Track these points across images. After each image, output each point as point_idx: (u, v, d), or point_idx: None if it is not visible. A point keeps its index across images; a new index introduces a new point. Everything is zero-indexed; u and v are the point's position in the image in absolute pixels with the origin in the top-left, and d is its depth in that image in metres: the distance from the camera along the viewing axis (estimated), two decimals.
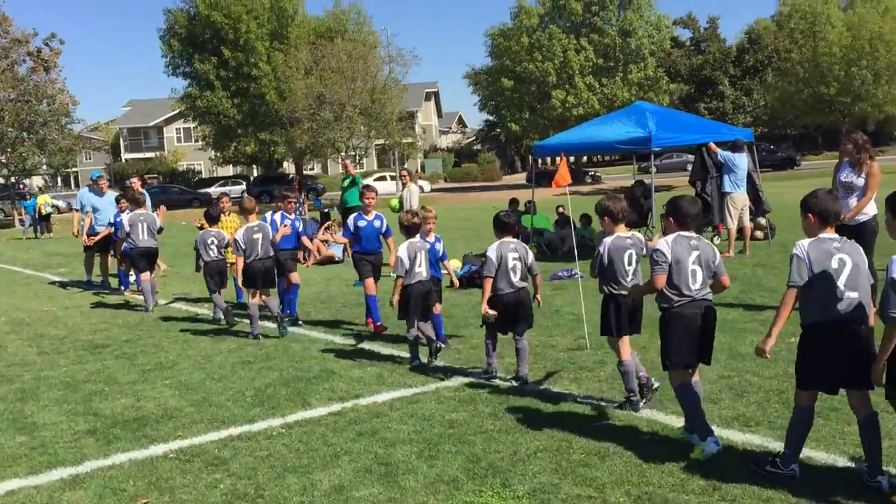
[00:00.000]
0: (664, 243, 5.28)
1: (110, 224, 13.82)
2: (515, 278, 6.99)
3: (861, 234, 7.70)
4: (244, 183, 61.02)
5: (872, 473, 4.60)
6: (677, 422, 5.72)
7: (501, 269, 6.96)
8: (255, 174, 67.39)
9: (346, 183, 16.27)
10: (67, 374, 8.30)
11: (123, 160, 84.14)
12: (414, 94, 60.03)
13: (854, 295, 4.54)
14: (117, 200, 13.98)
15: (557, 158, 10.11)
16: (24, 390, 7.77)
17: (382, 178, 56.43)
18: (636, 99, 53.02)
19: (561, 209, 17.88)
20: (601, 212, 6.33)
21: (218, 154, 58.25)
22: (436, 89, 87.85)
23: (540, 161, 52.32)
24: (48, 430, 6.51)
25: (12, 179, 42.15)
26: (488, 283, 6.98)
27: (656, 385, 6.26)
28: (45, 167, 43.77)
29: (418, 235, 8.16)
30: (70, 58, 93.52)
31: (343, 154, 43.50)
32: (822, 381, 4.67)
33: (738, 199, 14.14)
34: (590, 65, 54.01)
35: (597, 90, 53.88)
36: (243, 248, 9.48)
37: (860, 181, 8.43)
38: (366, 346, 8.94)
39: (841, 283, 4.54)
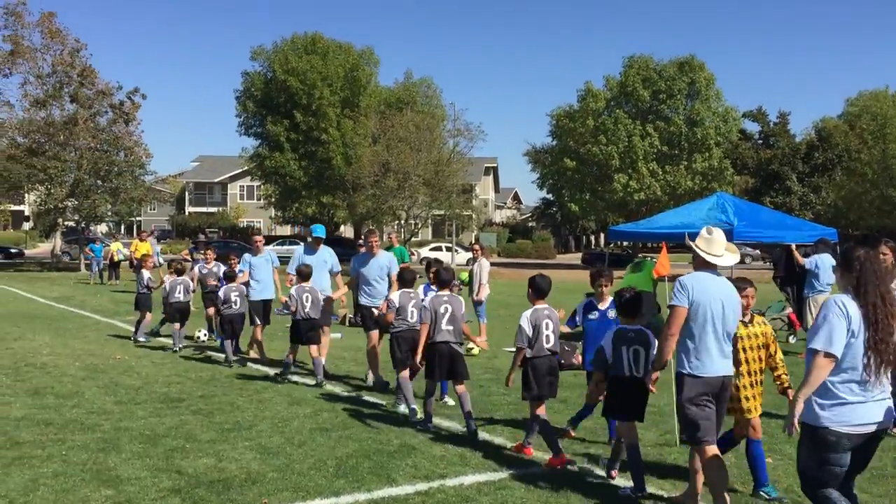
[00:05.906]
0: (395, 295, 9.04)
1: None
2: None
3: None
4: (301, 243, 61.83)
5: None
6: None
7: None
8: None
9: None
10: (147, 427, 8.28)
11: (187, 213, 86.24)
12: (474, 168, 60.61)
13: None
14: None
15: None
16: (105, 440, 7.75)
17: (438, 249, 56.83)
18: (699, 188, 52.96)
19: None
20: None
21: (279, 213, 59.22)
22: (495, 164, 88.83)
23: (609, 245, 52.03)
24: (132, 484, 6.44)
25: (82, 224, 43.20)
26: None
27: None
28: (110, 214, 44.62)
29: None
30: (144, 110, 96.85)
31: (390, 227, 44.05)
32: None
33: (821, 300, 13.77)
34: (654, 151, 53.99)
35: (659, 176, 53.76)
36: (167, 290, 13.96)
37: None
38: (443, 422, 8.73)
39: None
